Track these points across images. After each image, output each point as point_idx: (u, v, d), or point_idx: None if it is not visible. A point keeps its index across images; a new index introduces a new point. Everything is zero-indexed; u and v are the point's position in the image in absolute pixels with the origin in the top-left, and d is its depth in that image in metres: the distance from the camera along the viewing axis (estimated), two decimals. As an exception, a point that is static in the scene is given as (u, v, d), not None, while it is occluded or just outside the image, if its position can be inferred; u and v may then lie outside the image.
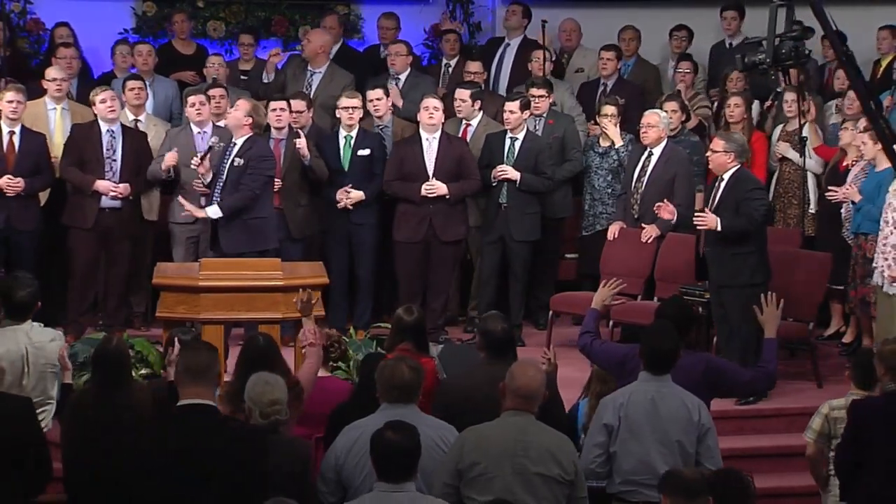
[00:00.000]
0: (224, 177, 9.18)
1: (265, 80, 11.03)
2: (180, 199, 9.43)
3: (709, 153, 8.93)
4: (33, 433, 5.99)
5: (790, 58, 7.52)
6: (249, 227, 9.11)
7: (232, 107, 9.46)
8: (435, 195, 9.95)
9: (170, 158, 9.83)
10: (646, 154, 9.96)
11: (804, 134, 10.18)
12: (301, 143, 9.86)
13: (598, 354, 6.93)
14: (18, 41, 11.81)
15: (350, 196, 10.05)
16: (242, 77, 11.40)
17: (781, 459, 7.99)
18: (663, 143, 9.92)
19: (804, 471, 7.24)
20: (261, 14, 12.35)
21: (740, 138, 9.07)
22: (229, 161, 9.19)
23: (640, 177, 9.95)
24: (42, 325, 7.04)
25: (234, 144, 9.21)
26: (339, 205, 10.06)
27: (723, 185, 8.74)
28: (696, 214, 8.79)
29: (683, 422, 6.16)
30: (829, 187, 9.68)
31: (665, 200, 9.61)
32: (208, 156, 9.36)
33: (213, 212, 9.08)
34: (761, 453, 8.20)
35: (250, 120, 9.18)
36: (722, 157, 8.73)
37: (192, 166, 9.33)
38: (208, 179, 9.30)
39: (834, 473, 6.84)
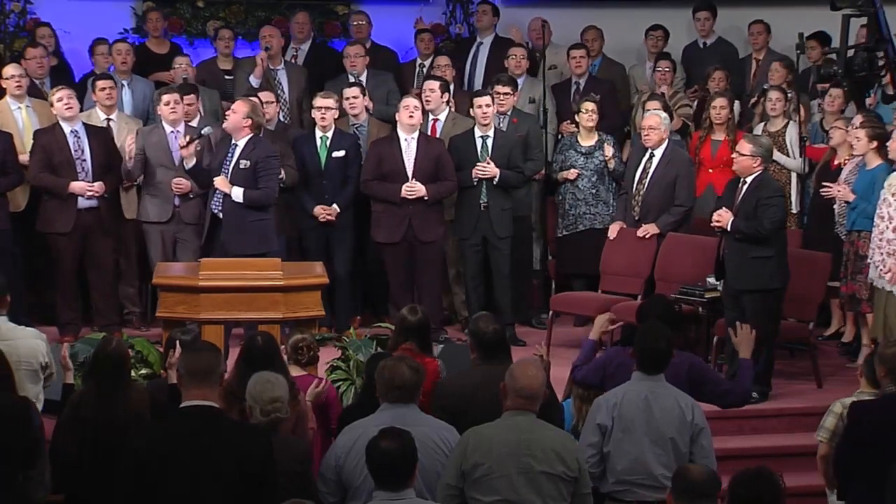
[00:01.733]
0: (229, 179, 9.18)
1: (254, 85, 10.97)
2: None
3: (735, 155, 8.86)
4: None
5: (864, 69, 7.38)
6: (255, 228, 9.13)
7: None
8: (414, 196, 9.94)
9: (128, 144, 9.82)
10: (647, 155, 9.96)
11: (803, 134, 10.19)
12: None
13: (588, 378, 6.89)
14: (17, 41, 11.81)
15: (329, 212, 10.07)
16: (227, 77, 11.33)
17: (781, 459, 7.97)
18: (664, 145, 9.93)
19: (804, 471, 7.24)
20: (261, 14, 12.34)
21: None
22: (233, 163, 9.20)
23: (641, 178, 9.96)
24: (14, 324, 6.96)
25: (236, 146, 9.21)
26: (319, 219, 10.07)
27: (745, 187, 8.68)
28: (715, 212, 8.72)
29: (677, 421, 6.16)
30: (824, 183, 9.67)
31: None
32: (197, 141, 9.37)
33: (237, 194, 9.10)
34: (761, 453, 8.18)
35: (250, 121, 9.18)
36: (748, 161, 8.67)
37: (180, 145, 9.28)
38: (190, 164, 9.31)
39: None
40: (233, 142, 9.23)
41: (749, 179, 8.70)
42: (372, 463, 5.20)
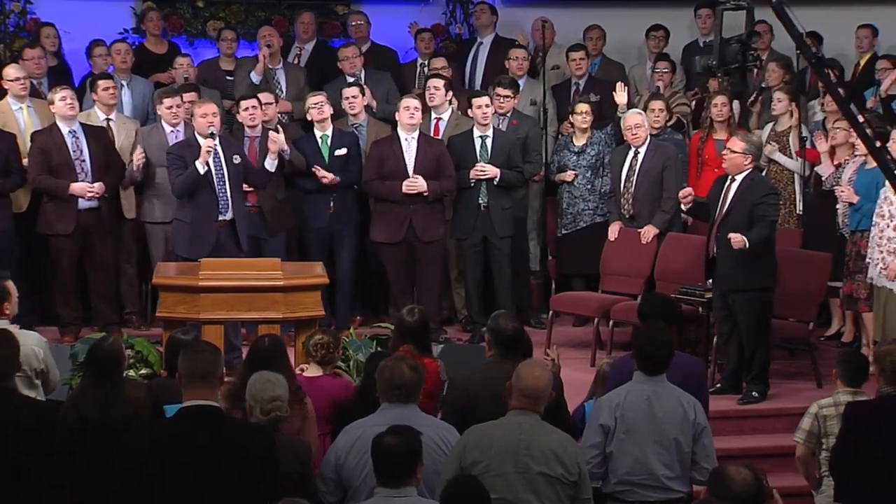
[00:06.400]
0: (226, 177, 9.18)
1: (255, 82, 10.99)
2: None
3: (726, 152, 8.87)
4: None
5: (736, 61, 7.52)
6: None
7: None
8: (415, 191, 9.93)
9: (137, 157, 9.86)
10: (632, 152, 9.98)
11: (804, 134, 10.19)
12: (279, 136, 9.79)
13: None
14: (17, 41, 11.81)
15: (328, 177, 10.00)
16: (228, 78, 11.32)
17: (781, 459, 7.97)
18: (647, 140, 9.96)
19: (803, 471, 7.24)
20: (261, 14, 12.34)
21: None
22: (224, 163, 9.20)
23: (629, 175, 9.98)
24: (19, 327, 6.93)
25: (215, 146, 9.21)
26: (322, 181, 10.02)
27: (734, 185, 8.68)
28: (730, 236, 8.56)
29: (679, 421, 6.17)
30: (836, 186, 9.68)
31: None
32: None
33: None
34: (761, 453, 8.18)
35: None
36: (739, 159, 8.68)
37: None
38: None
39: (827, 474, 6.86)
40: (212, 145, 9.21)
41: (739, 178, 8.69)
42: (374, 458, 5.21)
